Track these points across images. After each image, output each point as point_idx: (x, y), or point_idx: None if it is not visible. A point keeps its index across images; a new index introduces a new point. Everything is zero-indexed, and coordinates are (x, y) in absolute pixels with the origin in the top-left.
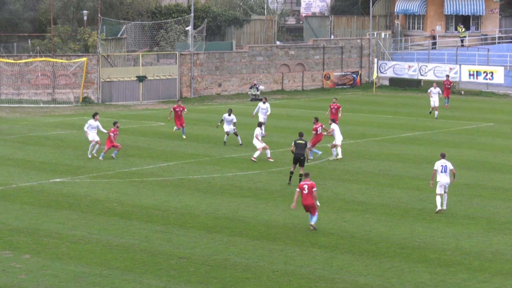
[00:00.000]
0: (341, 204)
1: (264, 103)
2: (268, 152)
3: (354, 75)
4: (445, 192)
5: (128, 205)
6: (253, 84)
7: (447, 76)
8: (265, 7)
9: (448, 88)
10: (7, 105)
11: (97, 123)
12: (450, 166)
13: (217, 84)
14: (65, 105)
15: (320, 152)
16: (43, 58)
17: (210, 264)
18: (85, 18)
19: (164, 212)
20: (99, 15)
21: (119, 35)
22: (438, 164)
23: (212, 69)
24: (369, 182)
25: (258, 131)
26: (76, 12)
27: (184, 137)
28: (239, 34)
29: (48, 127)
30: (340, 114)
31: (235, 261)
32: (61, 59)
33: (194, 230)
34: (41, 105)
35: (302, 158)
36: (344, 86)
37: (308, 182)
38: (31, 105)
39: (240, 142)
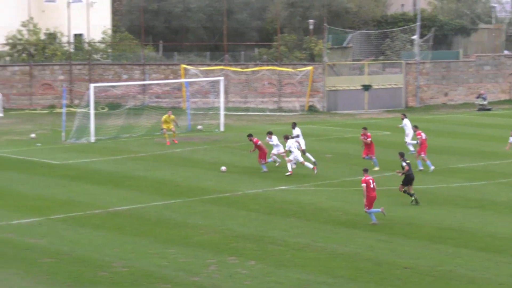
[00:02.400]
0: None
1: (402, 119)
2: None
3: None
4: None
5: (352, 214)
6: (479, 94)
7: None
8: (493, 16)
9: None
10: (234, 112)
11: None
12: None
13: (443, 94)
14: (290, 114)
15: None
16: (270, 67)
17: (434, 275)
18: (311, 27)
19: (388, 221)
20: (325, 24)
21: (344, 44)
22: None
23: (438, 78)
24: None
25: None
26: (302, 21)
27: (375, 169)
28: (466, 43)
29: None
30: None
31: (461, 273)
32: (287, 67)
33: (418, 240)
34: (267, 113)
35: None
36: None
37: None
38: (257, 113)
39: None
